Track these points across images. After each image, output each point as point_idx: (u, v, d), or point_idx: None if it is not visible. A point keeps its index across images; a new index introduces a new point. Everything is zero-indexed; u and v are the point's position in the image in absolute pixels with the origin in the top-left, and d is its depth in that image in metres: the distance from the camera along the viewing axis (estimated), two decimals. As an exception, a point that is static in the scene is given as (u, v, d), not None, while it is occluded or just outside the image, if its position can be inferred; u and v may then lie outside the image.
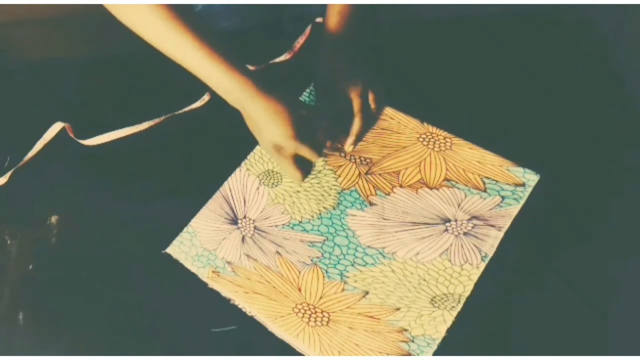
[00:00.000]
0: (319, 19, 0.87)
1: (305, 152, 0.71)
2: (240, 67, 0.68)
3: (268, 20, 0.92)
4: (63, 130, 0.82)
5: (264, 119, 0.69)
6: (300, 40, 0.87)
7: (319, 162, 0.76)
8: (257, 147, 0.78)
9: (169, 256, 0.71)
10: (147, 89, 0.86)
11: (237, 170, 0.76)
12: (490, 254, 0.67)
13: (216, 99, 0.83)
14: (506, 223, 0.68)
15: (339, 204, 0.72)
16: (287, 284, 0.67)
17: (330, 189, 0.74)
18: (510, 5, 0.87)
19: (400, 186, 0.73)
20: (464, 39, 0.86)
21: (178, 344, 0.66)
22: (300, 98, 0.82)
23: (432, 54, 0.84)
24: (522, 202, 0.69)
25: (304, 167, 0.73)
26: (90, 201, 0.77)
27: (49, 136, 0.81)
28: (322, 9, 0.86)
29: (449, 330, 0.63)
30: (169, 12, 0.65)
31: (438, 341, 0.62)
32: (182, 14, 0.66)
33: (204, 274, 0.69)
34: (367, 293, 0.66)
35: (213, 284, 0.68)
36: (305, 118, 0.71)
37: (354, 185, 0.73)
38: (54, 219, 0.75)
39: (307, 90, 0.82)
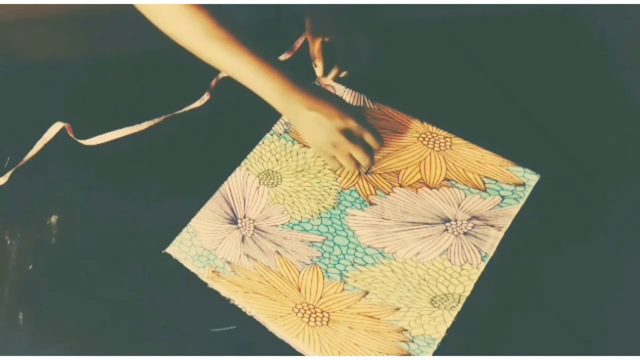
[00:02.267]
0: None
1: (369, 138, 0.70)
2: (288, 73, 0.68)
3: (268, 20, 0.92)
4: (63, 130, 0.82)
5: (326, 111, 0.68)
6: (300, 40, 0.87)
7: (318, 162, 0.76)
8: (257, 147, 0.78)
9: (169, 256, 0.71)
10: (147, 89, 0.86)
11: (237, 170, 0.76)
12: (490, 254, 0.67)
13: (216, 99, 0.83)
14: (506, 223, 0.68)
15: (338, 203, 0.72)
16: (287, 284, 0.67)
17: (330, 188, 0.74)
18: (510, 5, 0.87)
19: (400, 186, 0.73)
20: (464, 39, 0.86)
21: (178, 344, 0.66)
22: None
23: (432, 54, 0.84)
24: (522, 202, 0.69)
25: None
26: (90, 201, 0.77)
27: (49, 136, 0.81)
28: (305, 10, 0.86)
29: (449, 330, 0.63)
30: (212, 23, 0.65)
31: (438, 341, 0.62)
32: (224, 23, 0.66)
33: (204, 274, 0.69)
34: (367, 293, 0.66)
35: (213, 284, 0.68)
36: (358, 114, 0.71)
37: (353, 185, 0.73)
38: (54, 219, 0.75)
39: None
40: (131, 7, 0.67)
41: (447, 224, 0.69)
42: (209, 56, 0.67)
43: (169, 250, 0.71)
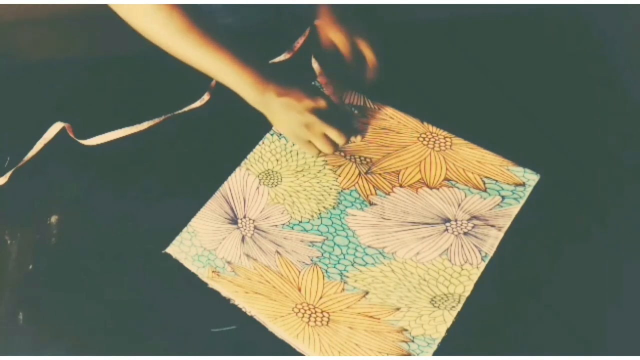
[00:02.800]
0: (317, 21, 0.87)
1: (343, 116, 0.72)
2: (256, 66, 0.69)
3: (268, 20, 0.92)
4: (63, 130, 0.82)
5: (295, 94, 0.69)
6: (300, 40, 0.87)
7: (318, 162, 0.76)
8: (257, 147, 0.78)
9: (169, 256, 0.71)
10: (147, 89, 0.86)
11: (237, 170, 0.76)
12: (490, 254, 0.67)
13: (216, 99, 0.83)
14: (506, 223, 0.68)
15: (339, 203, 0.72)
16: (287, 284, 0.67)
17: (330, 188, 0.74)
18: (510, 5, 0.87)
19: (400, 186, 0.73)
20: (464, 39, 0.86)
21: (178, 344, 0.66)
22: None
23: (432, 54, 0.84)
24: (522, 202, 0.70)
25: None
26: (90, 201, 0.76)
27: (49, 136, 0.81)
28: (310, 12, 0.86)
29: (449, 330, 0.63)
30: (186, 21, 0.66)
31: (438, 341, 0.62)
32: (198, 22, 0.67)
33: (204, 274, 0.69)
34: (367, 293, 0.66)
35: (213, 284, 0.68)
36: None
37: (354, 185, 0.73)
38: (54, 219, 0.75)
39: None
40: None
41: (447, 224, 0.69)
42: (183, 53, 0.68)
43: (169, 250, 0.71)
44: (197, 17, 0.67)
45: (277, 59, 0.86)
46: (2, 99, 0.87)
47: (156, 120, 0.81)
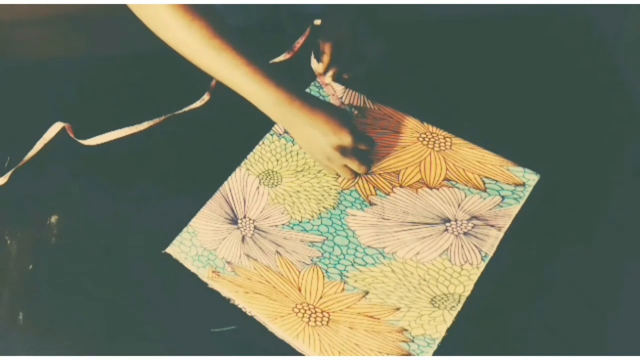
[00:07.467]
0: (317, 21, 0.87)
1: (364, 148, 0.72)
2: (284, 83, 0.67)
3: (268, 20, 0.92)
4: (63, 130, 0.82)
5: (320, 126, 0.68)
6: (300, 40, 0.87)
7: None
8: (257, 147, 0.78)
9: (169, 256, 0.71)
10: (147, 89, 0.86)
11: (237, 170, 0.76)
12: (490, 254, 0.67)
13: (216, 99, 0.83)
14: (506, 223, 0.68)
15: (339, 203, 0.72)
16: (287, 284, 0.67)
17: (330, 188, 0.74)
18: (511, 5, 0.87)
19: (400, 186, 0.73)
20: (464, 39, 0.86)
21: (178, 344, 0.66)
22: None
23: (432, 54, 0.84)
24: (522, 202, 0.69)
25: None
26: (90, 201, 0.77)
27: (49, 136, 0.81)
28: (322, 9, 0.86)
29: (449, 330, 0.63)
30: (209, 32, 0.64)
31: (438, 341, 0.62)
32: (221, 32, 0.65)
33: (204, 274, 0.69)
34: (367, 293, 0.66)
35: (213, 284, 0.68)
36: (353, 124, 0.71)
37: (354, 185, 0.73)
38: (54, 219, 0.75)
39: (306, 90, 0.82)
40: (131, 7, 0.67)
41: (447, 224, 0.69)
42: (205, 64, 0.67)
43: (169, 250, 0.71)
44: (220, 28, 0.65)
45: (277, 59, 0.86)
46: (2, 99, 0.87)
47: (156, 120, 0.81)
